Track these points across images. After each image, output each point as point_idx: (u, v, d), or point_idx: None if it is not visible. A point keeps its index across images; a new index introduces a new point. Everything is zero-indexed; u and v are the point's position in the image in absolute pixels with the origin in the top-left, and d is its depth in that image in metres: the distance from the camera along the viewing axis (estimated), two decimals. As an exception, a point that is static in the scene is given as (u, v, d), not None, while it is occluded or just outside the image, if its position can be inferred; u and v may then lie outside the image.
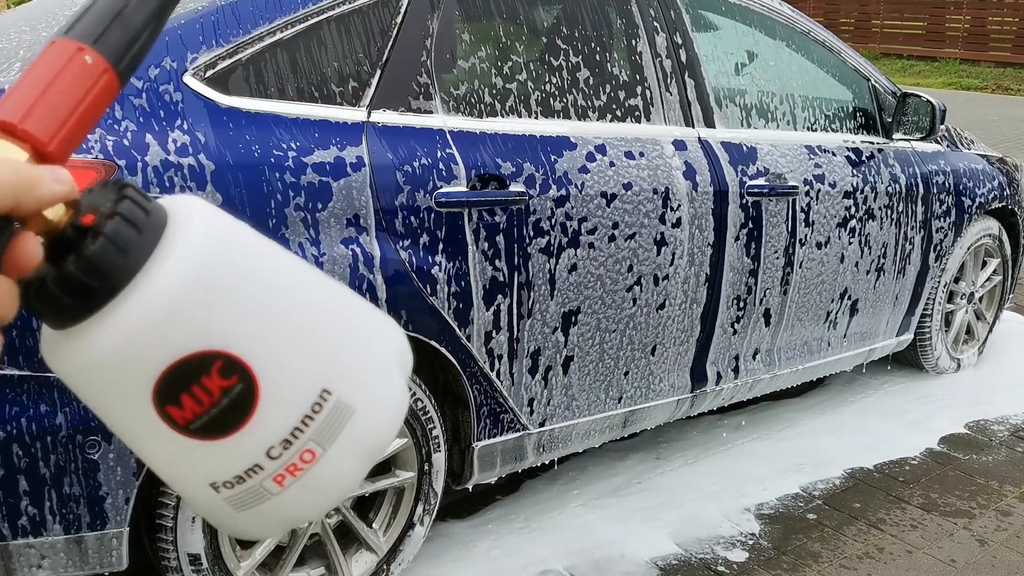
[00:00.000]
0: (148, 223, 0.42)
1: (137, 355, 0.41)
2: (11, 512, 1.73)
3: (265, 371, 0.43)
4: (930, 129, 3.17)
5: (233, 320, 0.42)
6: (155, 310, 0.41)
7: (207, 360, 0.41)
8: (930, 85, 13.90)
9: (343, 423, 0.45)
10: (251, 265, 0.44)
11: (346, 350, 0.47)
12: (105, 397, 0.43)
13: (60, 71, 0.42)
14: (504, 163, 2.16)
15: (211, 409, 0.42)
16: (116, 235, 0.41)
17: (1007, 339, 4.13)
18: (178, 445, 0.42)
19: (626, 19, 2.53)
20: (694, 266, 2.56)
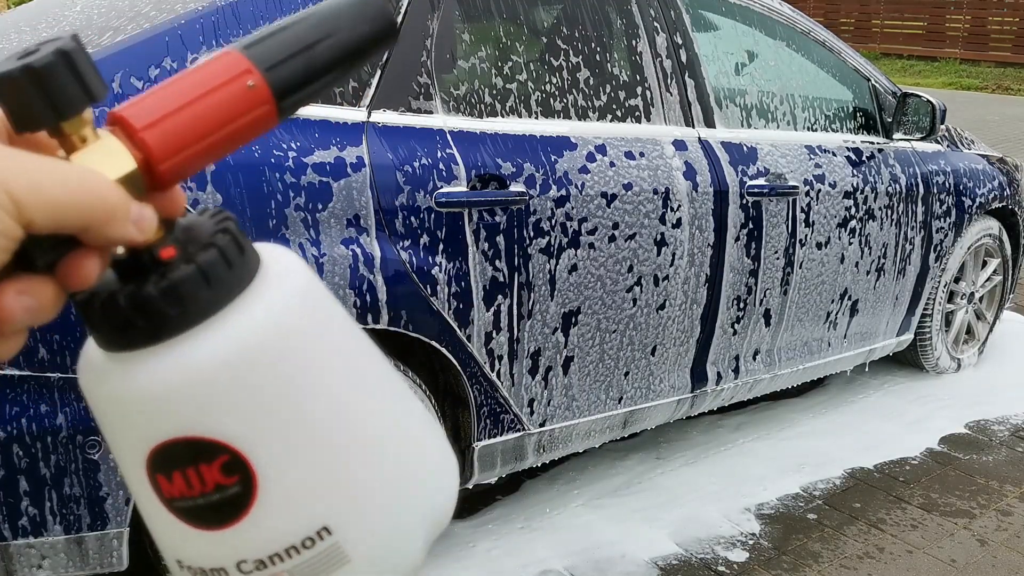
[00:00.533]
0: (241, 263, 0.38)
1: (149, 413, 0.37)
2: (11, 512, 1.73)
3: (270, 484, 0.38)
4: (930, 129, 3.17)
5: (266, 418, 0.38)
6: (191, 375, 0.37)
7: (216, 450, 0.37)
8: (930, 85, 13.91)
9: (330, 569, 0.40)
10: (319, 355, 0.39)
11: (374, 495, 0.41)
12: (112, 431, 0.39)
13: (216, 87, 0.38)
14: (504, 163, 2.16)
15: (199, 499, 0.38)
16: (210, 266, 0.37)
17: (1007, 339, 4.13)
18: (158, 512, 0.39)
19: (626, 19, 2.53)
20: (694, 266, 2.56)
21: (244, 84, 0.38)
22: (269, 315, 0.38)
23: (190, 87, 0.38)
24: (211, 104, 0.38)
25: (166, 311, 0.36)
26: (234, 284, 0.38)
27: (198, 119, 0.37)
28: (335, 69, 0.41)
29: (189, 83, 0.38)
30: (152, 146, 0.36)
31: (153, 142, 0.36)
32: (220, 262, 0.37)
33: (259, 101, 0.38)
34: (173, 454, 0.37)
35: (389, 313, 2.02)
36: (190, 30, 1.86)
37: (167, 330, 0.37)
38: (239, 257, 0.38)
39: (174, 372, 0.36)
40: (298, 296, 0.39)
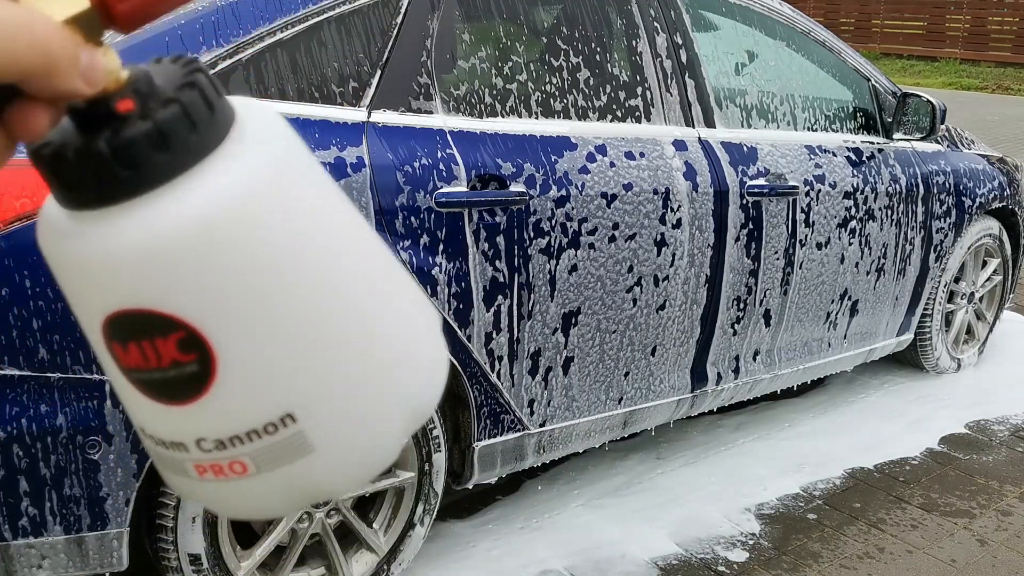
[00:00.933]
0: (209, 122, 0.34)
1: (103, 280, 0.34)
2: (11, 512, 1.73)
3: (230, 365, 0.35)
4: (930, 129, 3.17)
5: (226, 296, 0.35)
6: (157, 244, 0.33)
7: (171, 325, 0.34)
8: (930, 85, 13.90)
9: (293, 457, 0.37)
10: (292, 230, 0.36)
11: (346, 384, 0.38)
12: (69, 293, 0.37)
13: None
14: (504, 163, 2.16)
15: (154, 372, 0.35)
16: (169, 126, 0.33)
17: (1007, 339, 4.13)
18: (116, 377, 0.37)
19: (626, 19, 2.53)
20: (694, 267, 2.56)
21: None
22: (237, 183, 0.34)
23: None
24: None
25: (117, 172, 0.33)
26: (199, 146, 0.34)
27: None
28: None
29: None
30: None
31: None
32: (182, 121, 0.33)
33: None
34: (126, 325, 0.35)
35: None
36: (190, 30, 1.86)
37: (120, 192, 0.33)
38: (207, 115, 0.34)
39: (125, 238, 0.33)
40: (274, 163, 0.35)
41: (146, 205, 0.33)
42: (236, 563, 2.00)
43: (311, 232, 0.36)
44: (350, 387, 0.38)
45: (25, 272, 1.64)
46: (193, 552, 1.93)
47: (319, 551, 2.18)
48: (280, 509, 0.40)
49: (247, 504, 0.39)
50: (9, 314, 1.64)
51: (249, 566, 2.02)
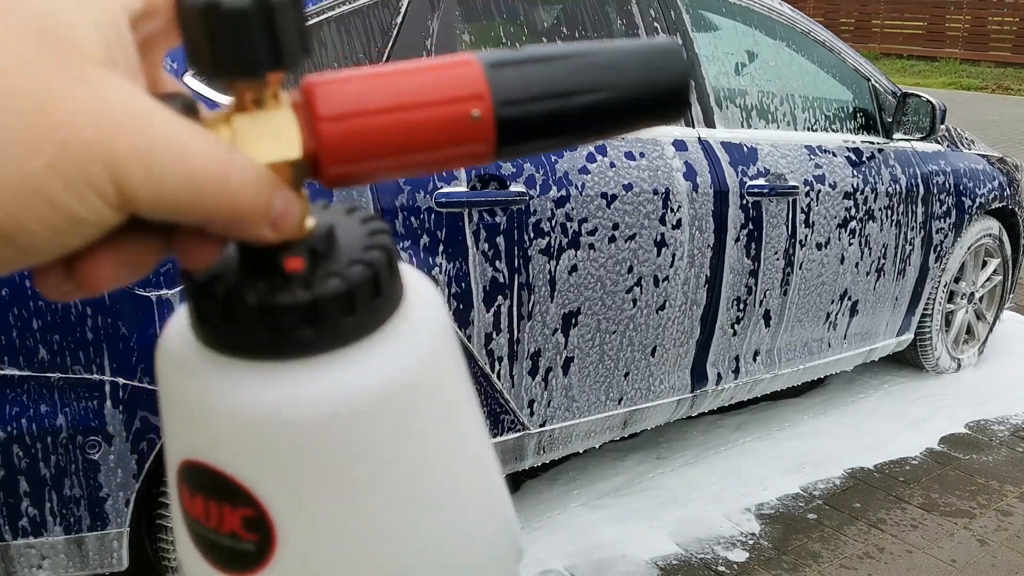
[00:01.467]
0: (369, 308, 0.31)
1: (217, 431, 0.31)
2: (11, 513, 1.73)
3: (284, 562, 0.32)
4: (930, 129, 3.17)
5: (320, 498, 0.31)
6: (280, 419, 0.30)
7: (244, 499, 0.31)
8: (930, 85, 13.91)
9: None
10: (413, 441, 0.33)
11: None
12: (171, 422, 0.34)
13: (434, 101, 0.30)
14: (504, 163, 2.16)
15: (210, 532, 0.33)
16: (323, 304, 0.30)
17: (1007, 339, 4.13)
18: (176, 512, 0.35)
19: (626, 19, 2.53)
20: (694, 267, 2.56)
21: (468, 112, 0.30)
22: (377, 382, 0.31)
23: (405, 87, 0.30)
24: (419, 119, 0.30)
25: (260, 331, 0.30)
26: (351, 330, 0.31)
27: (396, 131, 0.30)
28: (582, 131, 0.33)
29: (407, 81, 0.30)
30: (328, 142, 0.30)
31: (332, 138, 0.29)
32: (341, 302, 0.30)
33: (477, 136, 0.31)
34: (203, 478, 0.32)
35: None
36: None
37: (257, 351, 0.30)
38: (369, 301, 0.31)
39: (249, 397, 0.30)
40: (420, 366, 0.32)
41: (282, 373, 0.30)
42: (236, 563, 2.00)
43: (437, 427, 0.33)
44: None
45: (25, 272, 1.63)
46: (193, 552, 1.93)
47: (319, 551, 2.18)
48: None
49: None
50: (9, 314, 1.64)
51: (249, 566, 2.02)
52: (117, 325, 1.72)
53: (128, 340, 1.73)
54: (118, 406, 1.76)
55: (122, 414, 1.76)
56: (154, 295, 1.74)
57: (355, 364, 0.31)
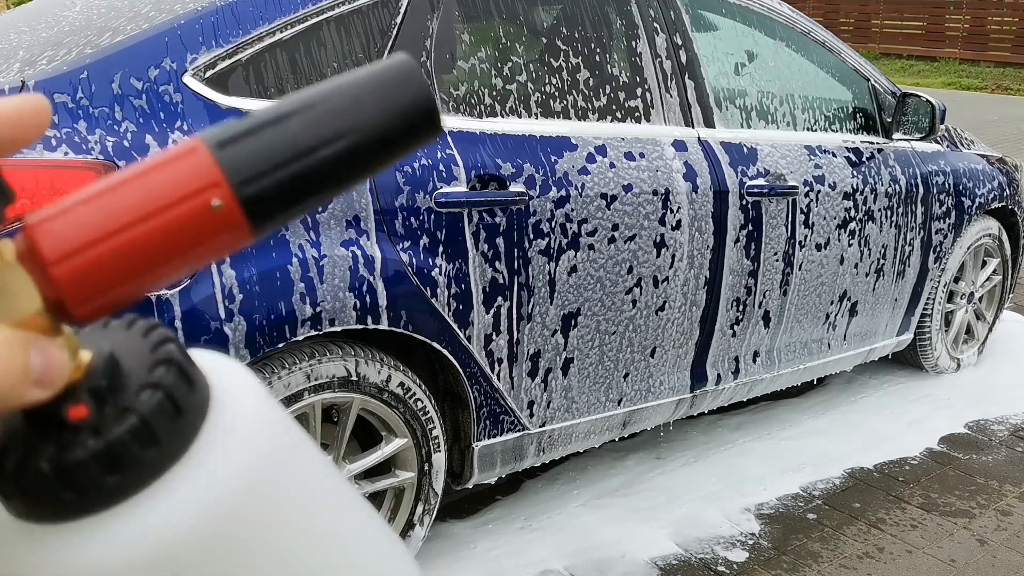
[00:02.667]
0: (172, 432, 0.29)
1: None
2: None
3: None
4: (930, 129, 3.17)
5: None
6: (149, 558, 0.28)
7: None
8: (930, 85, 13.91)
9: None
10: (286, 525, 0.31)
11: None
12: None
13: (169, 204, 0.28)
14: (504, 164, 2.16)
15: None
16: (119, 447, 0.28)
17: (1007, 339, 4.13)
18: None
19: (626, 20, 2.53)
20: (693, 268, 2.56)
21: (207, 203, 0.28)
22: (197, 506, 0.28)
23: (133, 198, 0.28)
24: (157, 228, 0.28)
25: (60, 493, 0.28)
26: (157, 462, 0.28)
27: (138, 248, 0.28)
28: (338, 182, 0.30)
29: (133, 191, 0.28)
30: (66, 285, 0.27)
31: (68, 280, 0.27)
32: (139, 436, 0.28)
33: (226, 224, 0.28)
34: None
35: (389, 314, 2.02)
36: (189, 30, 1.86)
37: (61, 514, 0.28)
38: (170, 425, 0.28)
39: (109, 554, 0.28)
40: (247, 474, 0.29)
41: (92, 530, 0.28)
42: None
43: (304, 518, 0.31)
44: None
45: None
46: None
47: (319, 551, 2.18)
48: None
49: None
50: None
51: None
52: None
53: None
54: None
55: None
56: (153, 295, 1.74)
57: (170, 498, 0.28)
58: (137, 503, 0.28)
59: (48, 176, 1.64)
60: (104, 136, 1.70)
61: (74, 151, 1.66)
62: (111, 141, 1.70)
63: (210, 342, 1.81)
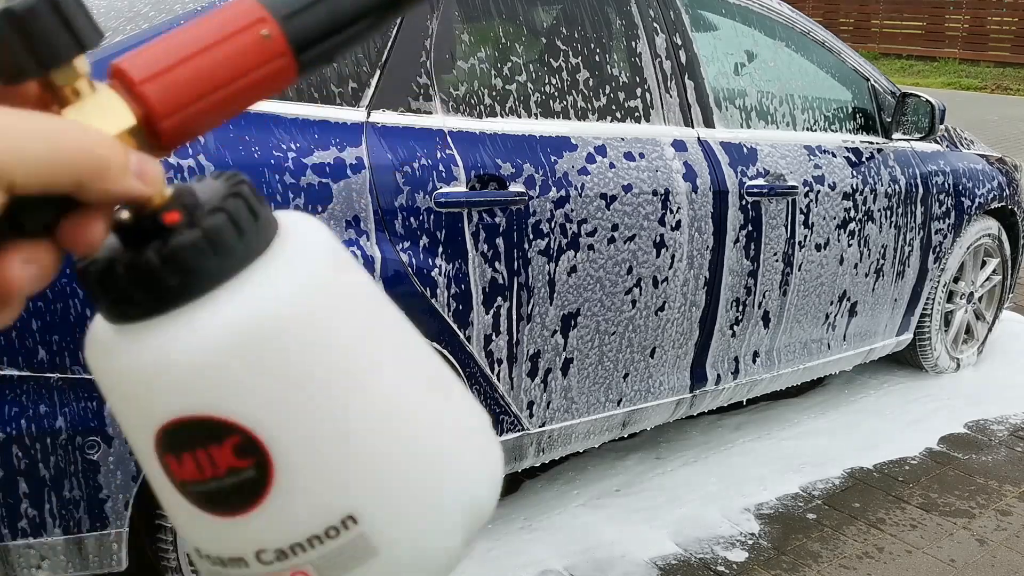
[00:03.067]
0: (254, 230, 0.35)
1: (155, 391, 0.34)
2: (11, 513, 1.73)
3: (287, 468, 0.35)
4: (929, 129, 3.17)
5: (280, 397, 0.34)
6: (207, 349, 0.33)
7: (226, 430, 0.34)
8: (929, 85, 13.91)
9: (357, 562, 0.36)
10: (341, 331, 0.36)
11: (405, 482, 0.37)
12: (119, 409, 0.36)
13: (225, 37, 0.34)
14: (504, 164, 2.16)
15: (211, 482, 0.35)
16: (216, 233, 0.34)
17: (1006, 339, 4.13)
18: (172, 496, 0.36)
19: (625, 20, 2.53)
20: (693, 269, 2.56)
21: (257, 34, 0.34)
22: (285, 286, 0.35)
23: (197, 36, 0.34)
24: (220, 56, 0.34)
25: (167, 280, 0.33)
26: (245, 252, 0.34)
27: (205, 72, 0.34)
28: (362, 19, 0.37)
29: (197, 32, 0.35)
30: (153, 101, 0.33)
31: (154, 96, 0.33)
32: (229, 228, 0.34)
33: (275, 53, 0.35)
34: (181, 435, 0.34)
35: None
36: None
37: (170, 300, 0.34)
38: (252, 223, 0.35)
39: (176, 345, 0.33)
40: (319, 266, 0.36)
41: (196, 312, 0.34)
42: (236, 564, 2.00)
43: (359, 330, 0.37)
44: (407, 485, 0.37)
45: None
46: (193, 553, 1.93)
47: (319, 551, 2.18)
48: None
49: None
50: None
51: (249, 567, 2.02)
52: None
53: (127, 341, 1.73)
54: (117, 407, 1.75)
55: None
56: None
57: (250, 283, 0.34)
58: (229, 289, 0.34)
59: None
60: (104, 136, 1.70)
61: (74, 151, 1.66)
62: (111, 141, 1.70)
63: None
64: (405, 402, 0.38)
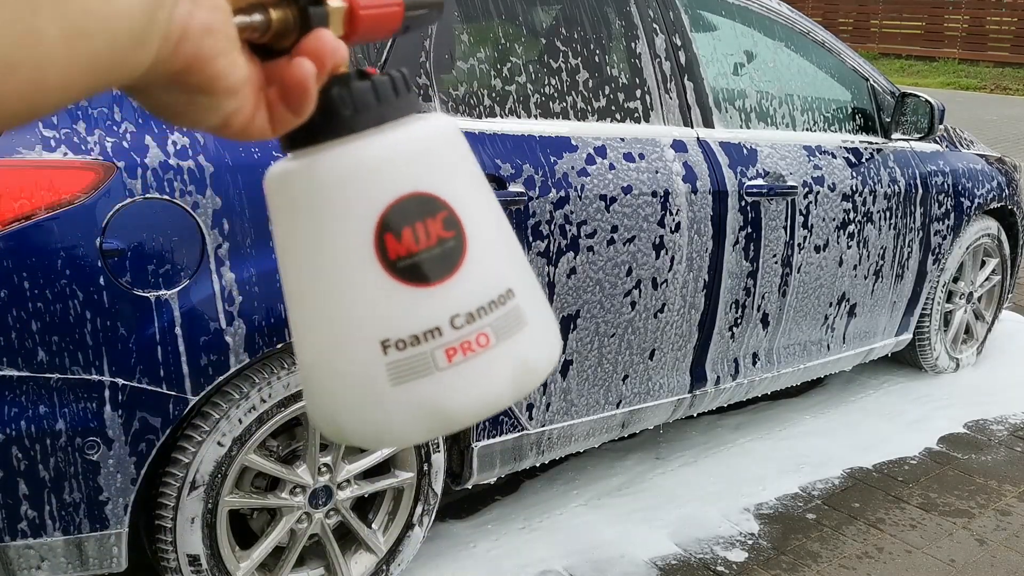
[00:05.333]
0: (407, 94, 0.46)
1: (386, 173, 0.44)
2: (10, 514, 1.73)
3: (475, 240, 0.45)
4: (929, 129, 3.17)
5: (464, 184, 0.46)
6: (413, 143, 0.44)
7: (437, 206, 0.44)
8: (929, 85, 13.91)
9: (517, 329, 0.46)
10: (474, 165, 0.48)
11: (529, 273, 0.49)
12: (331, 217, 0.44)
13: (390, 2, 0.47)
14: (503, 164, 2.16)
15: (423, 252, 0.44)
16: (398, 81, 0.46)
17: (1006, 339, 4.13)
18: (375, 284, 0.44)
19: (625, 20, 2.53)
20: (692, 271, 2.56)
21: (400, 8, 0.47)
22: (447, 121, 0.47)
23: None
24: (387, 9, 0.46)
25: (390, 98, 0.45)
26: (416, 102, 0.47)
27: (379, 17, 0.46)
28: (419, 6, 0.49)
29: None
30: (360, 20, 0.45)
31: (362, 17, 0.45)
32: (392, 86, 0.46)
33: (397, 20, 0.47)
34: (406, 210, 0.44)
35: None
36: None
37: (391, 113, 0.45)
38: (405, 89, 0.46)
39: (407, 138, 0.44)
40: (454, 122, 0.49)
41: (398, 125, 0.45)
42: (235, 564, 2.00)
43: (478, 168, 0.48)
44: (532, 280, 0.49)
45: (24, 273, 1.64)
46: (192, 553, 1.93)
47: (318, 552, 2.18)
48: (509, 389, 0.46)
49: (486, 386, 0.46)
50: (8, 315, 1.64)
51: (248, 567, 2.02)
52: (116, 326, 1.72)
53: (127, 341, 1.73)
54: (117, 407, 1.76)
55: (121, 415, 1.76)
56: (152, 296, 1.74)
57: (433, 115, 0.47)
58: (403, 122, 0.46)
59: (47, 176, 1.64)
60: (103, 136, 1.70)
61: (73, 151, 1.66)
62: (110, 142, 1.70)
63: (209, 343, 1.81)
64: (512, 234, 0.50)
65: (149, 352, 1.75)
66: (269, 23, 0.42)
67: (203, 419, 1.88)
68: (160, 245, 1.74)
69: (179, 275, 1.76)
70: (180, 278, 1.77)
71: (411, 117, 0.46)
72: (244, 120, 0.42)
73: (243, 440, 1.93)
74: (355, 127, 0.44)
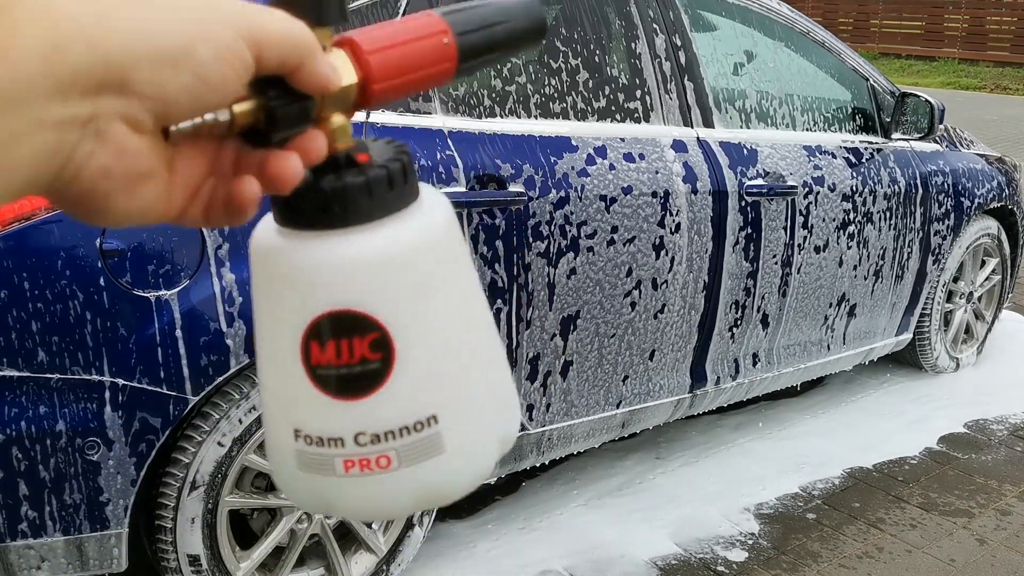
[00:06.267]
0: (403, 189, 0.44)
1: (328, 283, 0.43)
2: (11, 514, 1.73)
3: (403, 367, 0.44)
4: (929, 129, 3.17)
5: (413, 309, 0.44)
6: (372, 255, 0.43)
7: (369, 326, 0.43)
8: (929, 85, 13.91)
9: (428, 455, 0.45)
10: (450, 275, 0.46)
11: (471, 398, 0.47)
12: (279, 302, 0.44)
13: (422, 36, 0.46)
14: (504, 164, 2.16)
15: (343, 368, 0.43)
16: (376, 181, 0.43)
17: (1006, 338, 4.13)
18: (297, 379, 0.44)
19: (625, 20, 2.53)
20: (692, 271, 2.56)
21: (441, 40, 0.45)
22: (423, 227, 0.45)
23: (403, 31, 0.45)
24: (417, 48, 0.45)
25: (359, 201, 0.43)
26: (403, 198, 0.44)
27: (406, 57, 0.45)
28: (500, 49, 0.49)
29: (402, 28, 0.45)
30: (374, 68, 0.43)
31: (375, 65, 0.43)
32: (385, 181, 0.43)
33: (447, 57, 0.46)
34: (335, 324, 0.43)
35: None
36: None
37: (356, 217, 0.43)
38: (402, 183, 0.44)
39: (356, 252, 0.42)
40: (444, 224, 0.46)
41: (371, 230, 0.43)
42: (235, 564, 2.00)
43: (461, 278, 0.47)
44: (477, 401, 0.47)
45: (24, 273, 1.64)
46: (192, 553, 1.93)
47: (318, 551, 2.18)
48: (405, 507, 0.46)
49: (378, 501, 0.45)
50: (8, 316, 1.64)
51: (248, 567, 2.02)
52: (116, 326, 1.72)
53: (127, 341, 1.73)
54: (117, 408, 1.76)
55: (122, 416, 1.76)
56: (152, 296, 1.74)
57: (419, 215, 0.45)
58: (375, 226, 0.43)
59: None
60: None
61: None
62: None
63: (209, 343, 1.81)
64: (482, 339, 0.48)
65: (149, 352, 1.75)
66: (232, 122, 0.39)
67: (203, 419, 1.88)
68: (160, 245, 1.74)
69: (179, 275, 1.76)
70: (180, 278, 1.77)
71: (396, 216, 0.44)
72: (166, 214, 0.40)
73: (243, 440, 1.93)
74: (331, 223, 0.43)
